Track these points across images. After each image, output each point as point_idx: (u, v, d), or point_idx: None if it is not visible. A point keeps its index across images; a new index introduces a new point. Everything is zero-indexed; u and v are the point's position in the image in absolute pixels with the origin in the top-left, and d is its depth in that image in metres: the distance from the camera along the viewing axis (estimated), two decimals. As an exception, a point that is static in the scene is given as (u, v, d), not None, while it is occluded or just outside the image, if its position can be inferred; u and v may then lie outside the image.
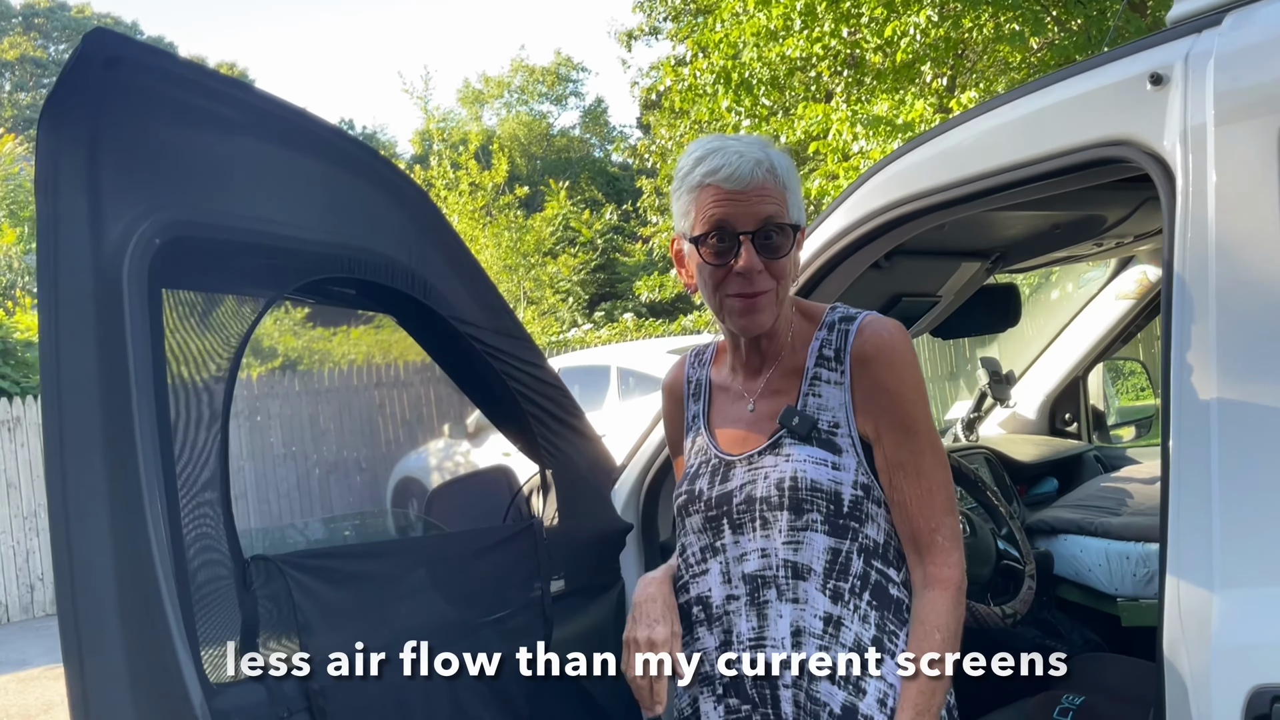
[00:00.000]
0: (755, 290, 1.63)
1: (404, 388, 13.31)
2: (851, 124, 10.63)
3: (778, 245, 1.63)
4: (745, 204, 1.61)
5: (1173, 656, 1.45)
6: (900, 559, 1.64)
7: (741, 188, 1.60)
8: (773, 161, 1.63)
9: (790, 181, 1.65)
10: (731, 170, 1.60)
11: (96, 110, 1.50)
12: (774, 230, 1.62)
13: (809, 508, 1.63)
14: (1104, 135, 1.65)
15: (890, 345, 1.64)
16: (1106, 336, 3.66)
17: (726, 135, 1.73)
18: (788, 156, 1.67)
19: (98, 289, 1.49)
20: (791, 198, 1.65)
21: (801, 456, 1.65)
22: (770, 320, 1.68)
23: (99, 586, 1.47)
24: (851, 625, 1.60)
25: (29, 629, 10.20)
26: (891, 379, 1.63)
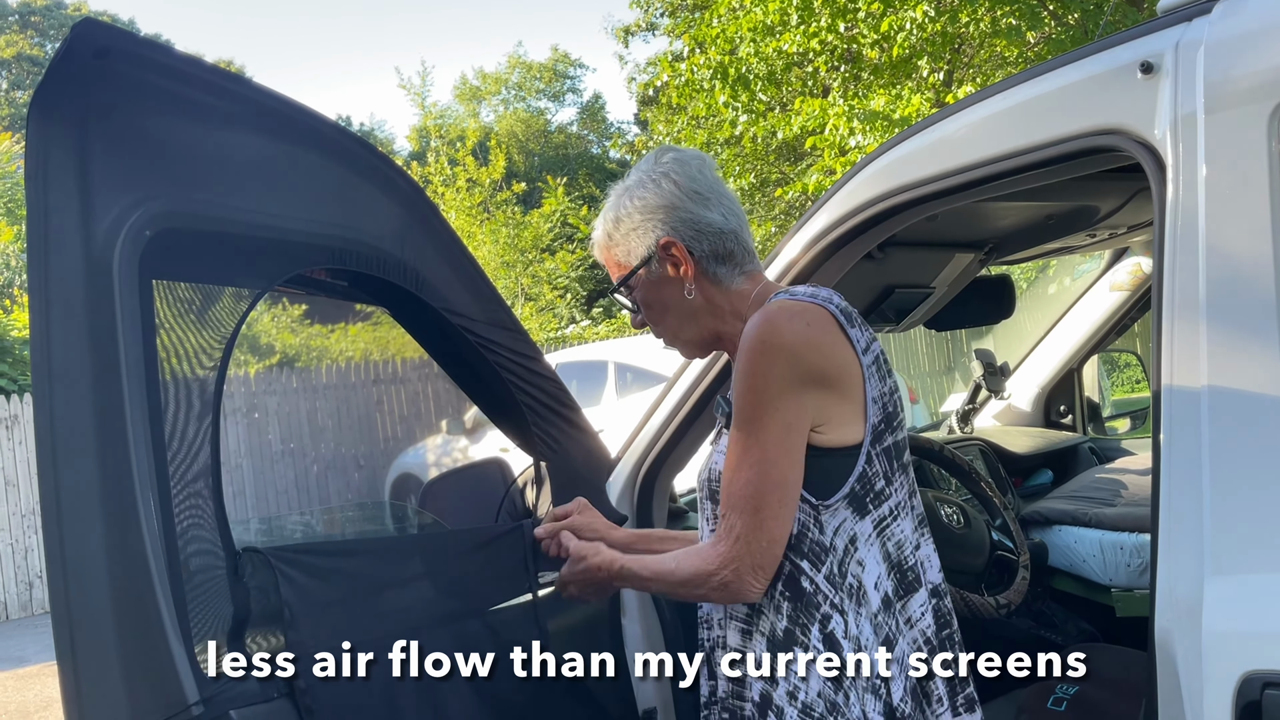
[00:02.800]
0: (656, 336, 1.81)
1: (401, 384, 13.31)
2: (848, 119, 10.63)
3: (630, 301, 1.79)
4: (609, 271, 1.81)
5: (1164, 644, 1.46)
6: (820, 554, 1.58)
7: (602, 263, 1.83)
8: (596, 231, 1.80)
9: (614, 233, 1.76)
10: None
11: (86, 101, 1.50)
12: (616, 292, 1.80)
13: (719, 498, 1.67)
14: (1094, 124, 1.65)
15: (749, 333, 1.59)
16: (1101, 328, 3.66)
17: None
18: (610, 214, 1.77)
19: (88, 280, 1.48)
20: (618, 250, 1.76)
21: (721, 446, 1.69)
22: (690, 352, 1.85)
23: (92, 580, 1.47)
24: (767, 614, 1.61)
25: (27, 626, 10.21)
26: (736, 365, 1.60)
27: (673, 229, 1.70)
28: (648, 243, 1.71)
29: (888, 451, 1.63)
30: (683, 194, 1.71)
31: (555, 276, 20.38)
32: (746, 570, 1.55)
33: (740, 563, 1.55)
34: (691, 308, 1.73)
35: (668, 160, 1.74)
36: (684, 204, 1.70)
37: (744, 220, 1.76)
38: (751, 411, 1.55)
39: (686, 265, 1.70)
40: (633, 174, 1.77)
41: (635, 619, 2.29)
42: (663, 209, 1.70)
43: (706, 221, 1.70)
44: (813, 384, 1.55)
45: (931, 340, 14.70)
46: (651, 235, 1.70)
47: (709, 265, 1.71)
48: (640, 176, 1.75)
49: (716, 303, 1.73)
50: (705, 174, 1.74)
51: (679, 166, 1.73)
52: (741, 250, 1.74)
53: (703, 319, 1.74)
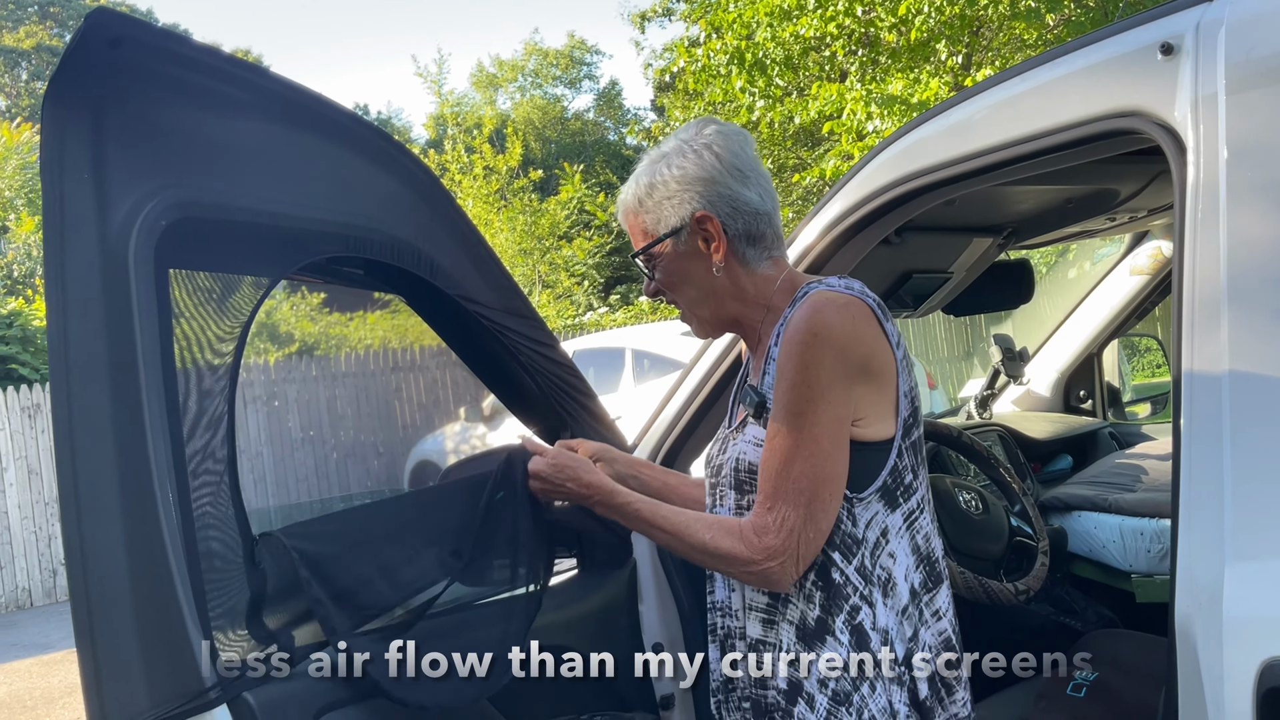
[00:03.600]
0: (670, 304, 1.80)
1: (420, 372, 13.34)
2: (866, 103, 10.57)
3: (649, 270, 1.76)
4: (631, 237, 1.79)
5: (1184, 630, 1.45)
6: (852, 546, 1.59)
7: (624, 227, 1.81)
8: (625, 194, 1.76)
9: (645, 199, 1.71)
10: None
11: (100, 91, 1.50)
12: (637, 259, 1.77)
13: (749, 488, 1.65)
14: (1114, 106, 1.64)
15: (801, 324, 1.56)
16: (1121, 313, 3.63)
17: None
18: (644, 178, 1.72)
19: (104, 270, 1.49)
20: (648, 217, 1.72)
21: (749, 436, 1.68)
22: (701, 331, 1.81)
23: (110, 567, 1.47)
24: (797, 603, 1.61)
25: (51, 613, 10.30)
26: (784, 355, 1.58)
27: (709, 203, 1.66)
28: (682, 214, 1.67)
29: (914, 446, 1.64)
30: (724, 169, 1.67)
31: (572, 264, 20.38)
32: (792, 563, 1.55)
33: (788, 556, 1.55)
34: (714, 286, 1.71)
35: (710, 132, 1.70)
36: (724, 179, 1.67)
37: (777, 204, 1.73)
38: (805, 404, 1.54)
39: (719, 242, 1.68)
40: (670, 140, 1.73)
41: (653, 605, 2.29)
42: (701, 181, 1.66)
43: (744, 200, 1.67)
44: (858, 377, 1.56)
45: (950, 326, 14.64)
46: (687, 207, 1.67)
47: (739, 245, 1.69)
48: (680, 144, 1.71)
49: (741, 285, 1.71)
50: (747, 151, 1.71)
51: (722, 140, 1.69)
52: (772, 234, 1.71)
53: (724, 299, 1.72)
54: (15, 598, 10.77)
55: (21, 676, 7.62)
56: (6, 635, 9.37)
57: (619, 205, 1.78)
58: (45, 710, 6.61)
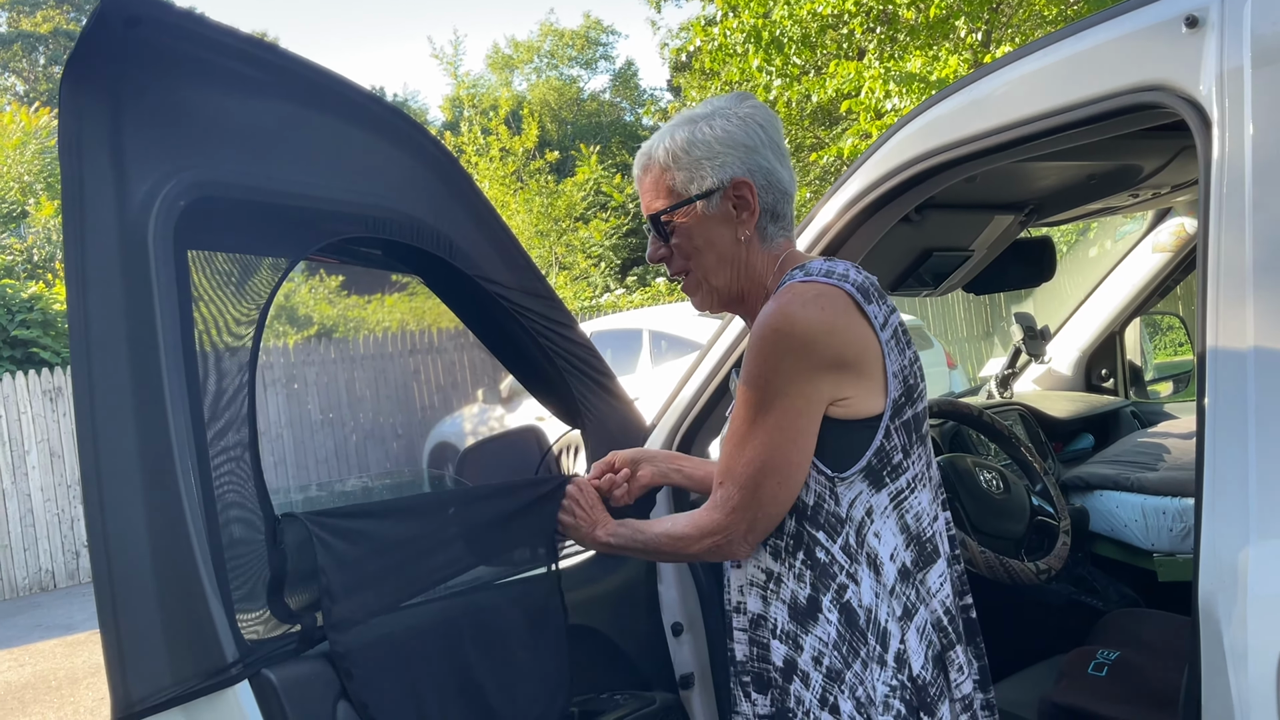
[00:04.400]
0: (672, 273, 1.77)
1: (438, 354, 13.38)
2: (884, 81, 10.52)
3: (660, 232, 1.72)
4: (641, 199, 1.76)
5: (1208, 609, 1.44)
6: (835, 525, 1.61)
7: (636, 185, 1.77)
8: (653, 148, 1.72)
9: (681, 157, 1.68)
10: (633, 170, 1.78)
11: (118, 71, 1.50)
12: (655, 219, 1.72)
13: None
14: (1138, 80, 1.61)
15: (764, 319, 1.58)
16: (1143, 290, 3.60)
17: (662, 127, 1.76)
18: (680, 132, 1.69)
19: (124, 251, 1.49)
20: (680, 175, 1.68)
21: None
22: (705, 302, 1.78)
23: (132, 546, 1.48)
24: (788, 582, 1.65)
25: (75, 595, 10.40)
26: (748, 346, 1.60)
27: (750, 171, 1.66)
28: (721, 176, 1.66)
29: (907, 425, 1.63)
30: (767, 141, 1.68)
31: (589, 245, 20.36)
32: (738, 537, 1.63)
33: (732, 531, 1.63)
34: (735, 255, 1.70)
35: (751, 106, 1.70)
36: (764, 152, 1.68)
37: (796, 184, 1.76)
38: (758, 396, 1.57)
39: (752, 212, 1.68)
40: (706, 105, 1.72)
41: (672, 585, 2.29)
42: (745, 148, 1.66)
43: (778, 176, 1.69)
44: (829, 369, 1.56)
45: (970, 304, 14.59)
46: (727, 170, 1.66)
47: (764, 220, 1.69)
48: (720, 109, 1.70)
49: (754, 260, 1.71)
50: (781, 132, 1.73)
51: (765, 116, 1.71)
52: (789, 216, 1.73)
53: (739, 271, 1.71)
54: (39, 579, 10.87)
55: (45, 657, 7.70)
56: (30, 616, 9.46)
57: (644, 159, 1.74)
58: (69, 691, 6.68)
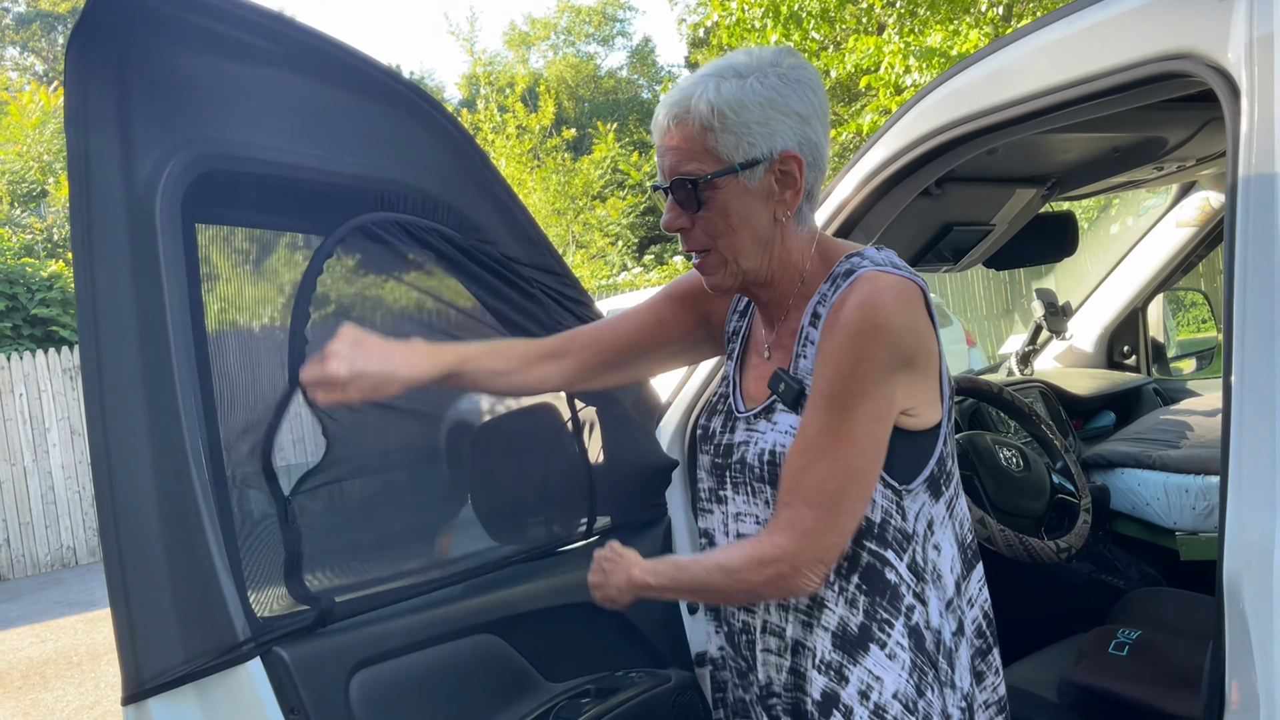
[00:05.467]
0: (690, 248, 1.54)
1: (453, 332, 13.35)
2: (904, 56, 10.43)
3: (687, 200, 1.48)
4: (663, 156, 1.50)
5: (1233, 589, 1.41)
6: (903, 542, 1.47)
7: (659, 138, 1.50)
8: (693, 99, 1.44)
9: (730, 116, 1.43)
10: (655, 119, 1.51)
11: (124, 41, 1.48)
12: (683, 184, 1.47)
13: (785, 482, 1.48)
14: (1165, 49, 1.58)
15: (860, 312, 1.40)
16: (1166, 266, 3.56)
17: (696, 73, 1.49)
18: (727, 86, 1.43)
19: (131, 224, 1.47)
20: (726, 138, 1.43)
21: (784, 427, 1.51)
22: (726, 282, 1.55)
23: (143, 524, 1.47)
24: (836, 608, 1.47)
25: (96, 571, 10.49)
26: (835, 343, 1.41)
27: (800, 144, 1.45)
28: (772, 145, 1.44)
29: (953, 429, 1.58)
30: (819, 110, 1.47)
31: (606, 224, 20.31)
32: (806, 564, 1.40)
33: (801, 558, 1.40)
34: (770, 236, 1.51)
35: (800, 64, 1.47)
36: (815, 123, 1.47)
37: None
38: (849, 399, 1.39)
39: (797, 191, 1.48)
40: (746, 55, 1.47)
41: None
42: (800, 117, 1.45)
43: (823, 153, 1.50)
44: (904, 368, 1.42)
45: (989, 281, 14.51)
46: (779, 140, 1.44)
47: (804, 200, 1.51)
48: (768, 62, 1.45)
49: (789, 243, 1.53)
50: (827, 101, 1.52)
51: (815, 78, 1.48)
52: (819, 197, 1.57)
53: (773, 254, 1.52)
54: (60, 556, 10.97)
55: (67, 633, 7.77)
56: (52, 593, 9.55)
57: (678, 109, 1.46)
58: (90, 666, 6.74)
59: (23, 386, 10.89)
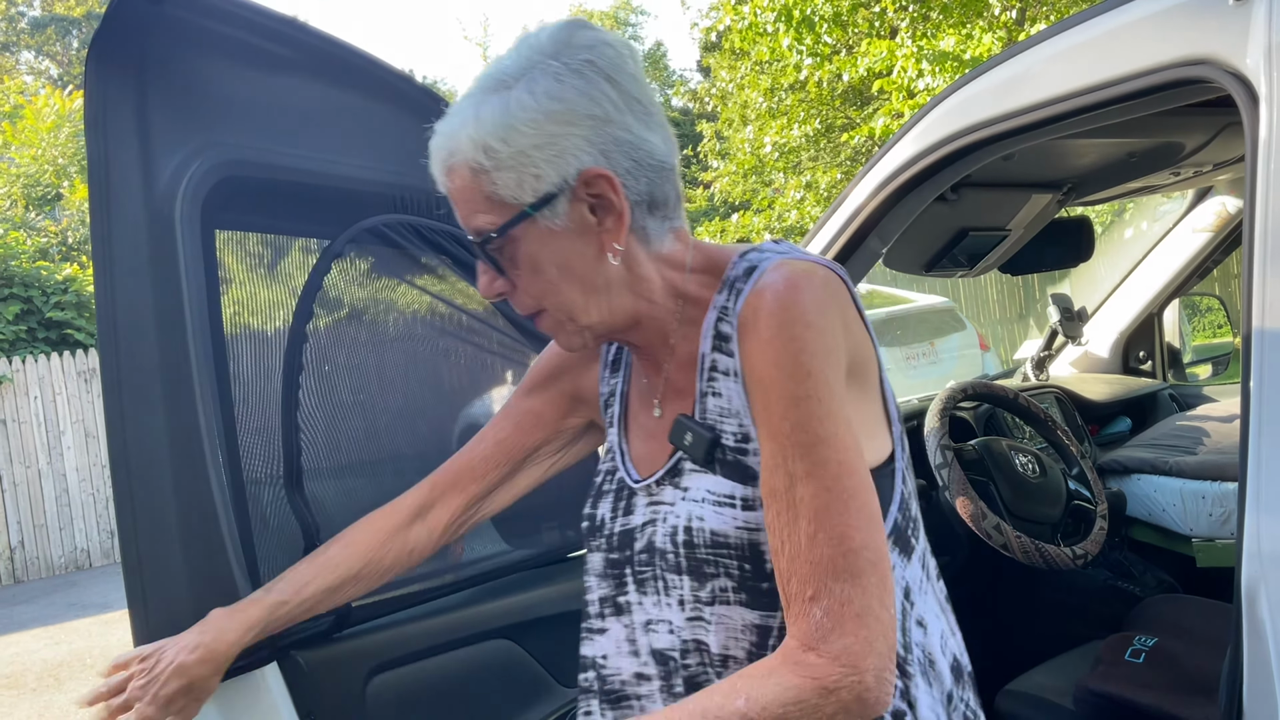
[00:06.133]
0: (522, 313, 1.22)
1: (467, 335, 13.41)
2: (917, 60, 10.41)
3: (500, 259, 1.17)
4: (457, 209, 1.19)
5: (1250, 596, 1.41)
6: None
7: (444, 191, 1.19)
8: (454, 137, 1.14)
9: (497, 149, 1.11)
10: (430, 166, 1.19)
11: (143, 46, 1.48)
12: (485, 244, 1.16)
13: (714, 571, 1.14)
14: (1182, 55, 1.57)
15: (766, 311, 1.08)
16: (1183, 271, 3.54)
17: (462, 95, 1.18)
18: (488, 110, 1.12)
19: (150, 230, 1.48)
20: (502, 177, 1.12)
21: (700, 493, 1.16)
22: (575, 342, 1.23)
23: (162, 529, 1.48)
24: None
25: (110, 573, 10.53)
26: (760, 360, 1.08)
27: (604, 154, 1.12)
28: (563, 169, 1.11)
29: (908, 463, 1.24)
30: (621, 100, 1.13)
31: (619, 226, 20.30)
32: (882, 659, 1.00)
33: (873, 655, 1.00)
34: (607, 277, 1.17)
35: (590, 42, 1.13)
36: (621, 116, 1.13)
37: (677, 149, 1.23)
38: (820, 426, 1.04)
39: (620, 213, 1.14)
40: (518, 54, 1.14)
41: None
42: (595, 120, 1.11)
43: (647, 148, 1.15)
44: (847, 375, 1.12)
45: (1003, 286, 14.47)
46: (570, 159, 1.11)
47: (640, 216, 1.17)
48: (542, 60, 1.12)
49: (641, 272, 1.19)
50: (640, 71, 1.18)
51: (612, 58, 1.14)
52: (675, 195, 1.21)
53: (619, 295, 1.19)
54: (74, 558, 11.02)
55: (82, 635, 7.80)
56: (66, 595, 9.59)
57: (443, 153, 1.16)
58: (106, 668, 6.76)
59: (38, 389, 10.94)
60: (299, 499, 1.64)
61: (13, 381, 10.85)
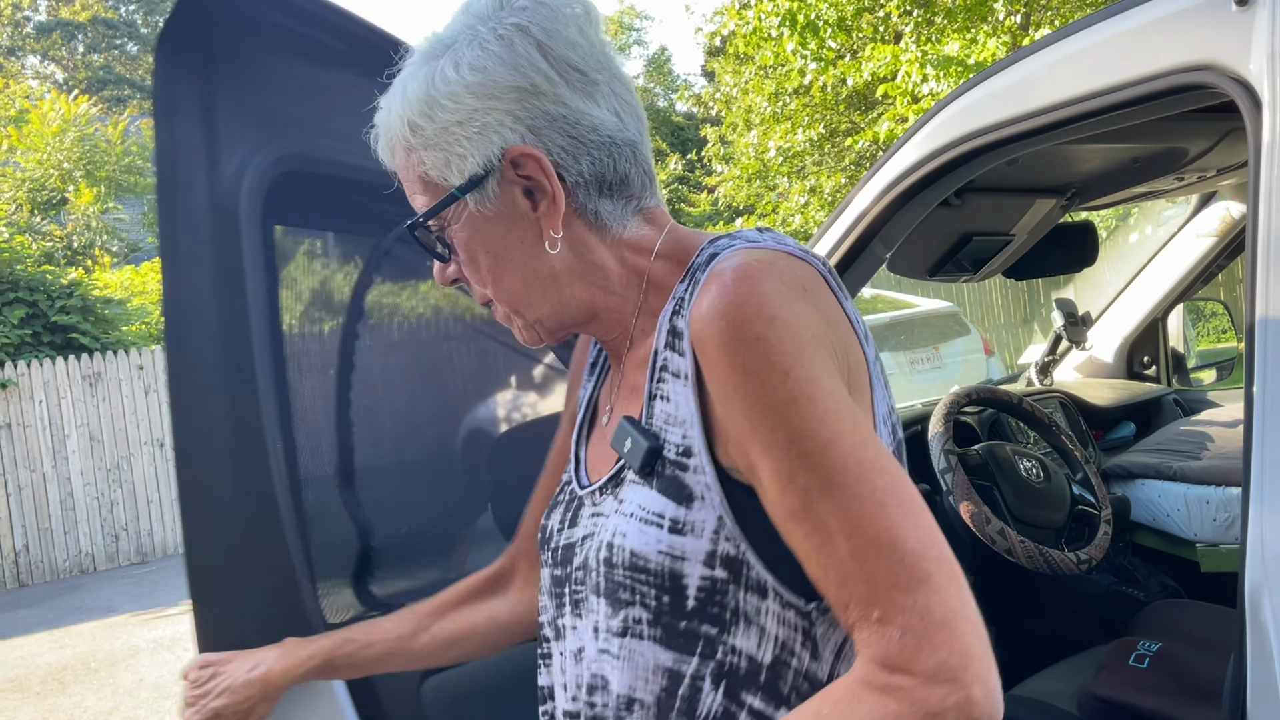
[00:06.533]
0: (480, 302, 1.14)
1: (472, 339, 13.44)
2: (921, 65, 10.42)
3: (439, 242, 1.09)
4: (405, 188, 1.11)
5: (1254, 600, 1.41)
6: (801, 685, 0.97)
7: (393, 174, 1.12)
8: (388, 114, 1.07)
9: (423, 126, 1.03)
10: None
11: (210, 41, 1.48)
12: (414, 229, 1.08)
13: (629, 597, 0.99)
14: (1185, 60, 1.58)
15: (716, 312, 0.91)
16: (1187, 277, 3.55)
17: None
18: (415, 85, 1.03)
19: (214, 224, 1.47)
20: (429, 156, 1.04)
21: (632, 506, 1.01)
22: (529, 337, 1.13)
23: (225, 529, 1.47)
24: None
25: (113, 577, 10.54)
26: (724, 369, 0.91)
27: (533, 130, 1.01)
28: (487, 149, 1.01)
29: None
30: (552, 68, 1.01)
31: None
32: (988, 668, 0.82)
33: (977, 660, 0.81)
34: (552, 267, 1.06)
35: (525, 3, 1.02)
36: (554, 88, 1.01)
37: (645, 123, 1.10)
38: (817, 429, 0.87)
39: (554, 197, 1.02)
40: (457, 20, 1.05)
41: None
42: (516, 93, 1.00)
43: (590, 123, 1.03)
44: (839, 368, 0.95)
45: (1007, 290, 14.47)
46: (494, 137, 1.01)
47: (587, 198, 1.05)
48: (471, 27, 1.02)
49: (594, 259, 1.07)
50: (589, 34, 1.04)
51: (547, 16, 1.02)
52: (641, 175, 1.08)
53: (569, 285, 1.08)
54: (78, 562, 11.03)
55: (85, 639, 7.81)
56: (70, 599, 9.60)
57: (381, 133, 1.09)
58: (108, 672, 6.77)
59: (42, 393, 10.97)
60: (351, 497, 1.65)
61: (17, 385, 10.86)
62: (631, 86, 1.07)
